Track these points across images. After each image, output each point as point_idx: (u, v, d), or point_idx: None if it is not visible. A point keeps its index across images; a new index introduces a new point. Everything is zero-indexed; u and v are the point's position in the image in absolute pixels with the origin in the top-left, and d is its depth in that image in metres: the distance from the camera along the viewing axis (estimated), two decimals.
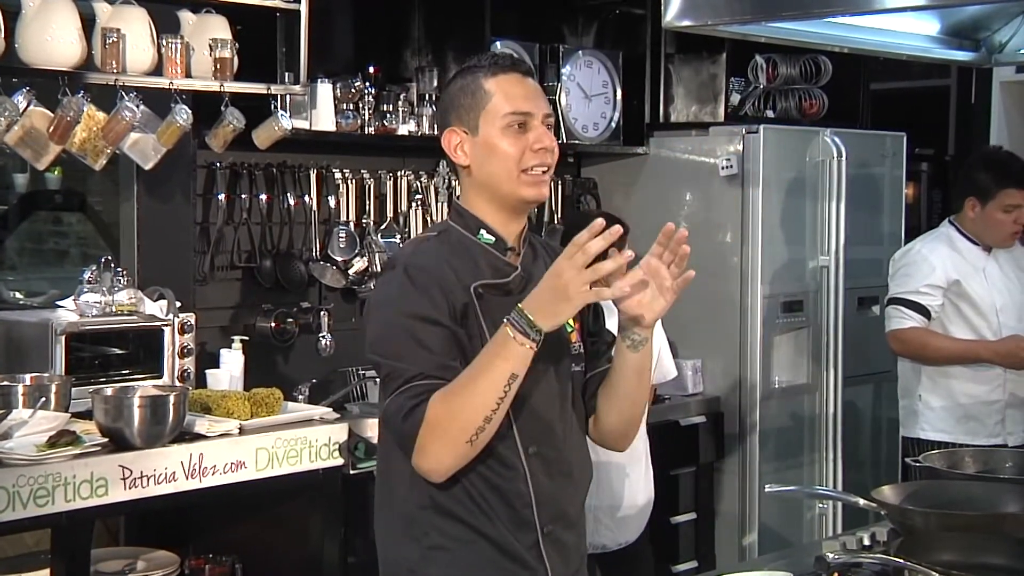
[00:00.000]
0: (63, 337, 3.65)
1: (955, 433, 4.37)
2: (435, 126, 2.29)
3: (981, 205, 4.37)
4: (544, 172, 2.38)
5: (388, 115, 4.67)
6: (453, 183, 4.74)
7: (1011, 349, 4.25)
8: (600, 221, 2.17)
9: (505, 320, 2.20)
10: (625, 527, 4.17)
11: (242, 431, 3.58)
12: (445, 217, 2.53)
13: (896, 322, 4.35)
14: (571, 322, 2.42)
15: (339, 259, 4.59)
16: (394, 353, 2.27)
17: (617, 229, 2.16)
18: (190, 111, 3.90)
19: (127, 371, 3.81)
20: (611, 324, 2.45)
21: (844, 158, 5.28)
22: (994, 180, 4.35)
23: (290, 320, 4.46)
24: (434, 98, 4.73)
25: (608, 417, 2.48)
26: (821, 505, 5.25)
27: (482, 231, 2.38)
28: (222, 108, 4.04)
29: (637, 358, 2.37)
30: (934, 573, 2.26)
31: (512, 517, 2.34)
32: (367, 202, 4.72)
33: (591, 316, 2.51)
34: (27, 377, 3.56)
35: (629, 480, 4.17)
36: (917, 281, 4.32)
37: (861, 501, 2.77)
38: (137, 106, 3.80)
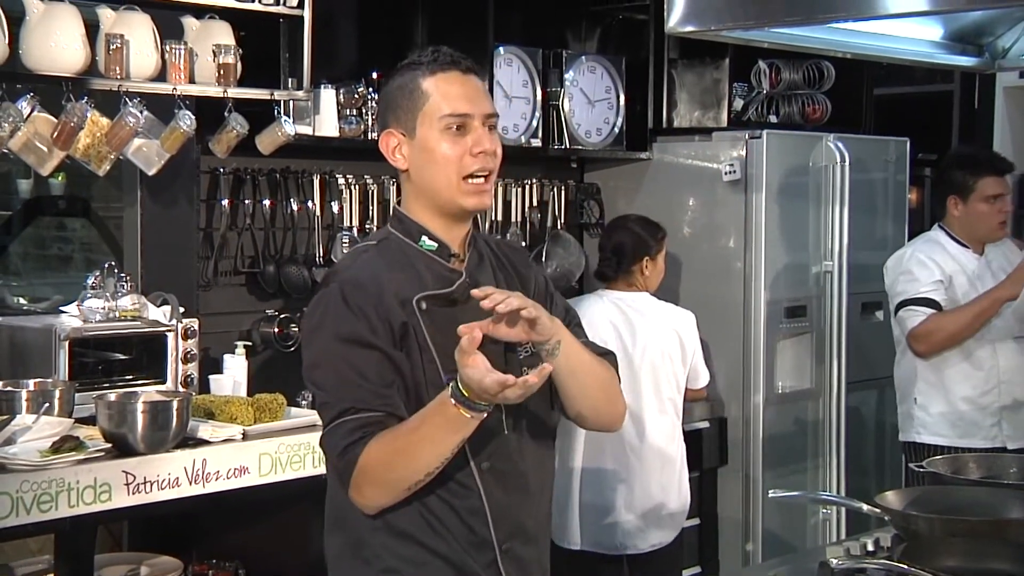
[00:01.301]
0: (67, 342, 3.65)
1: (951, 437, 4.40)
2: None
3: (963, 201, 4.43)
4: (485, 179, 2.27)
5: (377, 125, 4.66)
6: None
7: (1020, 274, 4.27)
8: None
9: (451, 400, 2.09)
10: (657, 529, 4.18)
11: (245, 437, 3.58)
12: (387, 223, 2.42)
13: (912, 321, 4.35)
14: None
15: None
16: (326, 382, 2.20)
17: (476, 337, 2.07)
18: (193, 117, 3.90)
19: (130, 376, 3.81)
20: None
21: (847, 163, 5.28)
22: (969, 173, 4.42)
23: (293, 325, 4.45)
24: None
25: (572, 410, 2.38)
26: (824, 510, 5.24)
27: (424, 238, 2.29)
28: (225, 114, 4.04)
29: (562, 362, 2.25)
30: None
31: (468, 536, 2.26)
32: (370, 207, 4.71)
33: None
34: (31, 382, 3.56)
35: (661, 482, 4.17)
36: (923, 281, 4.35)
37: (865, 506, 2.76)
38: (141, 112, 3.80)
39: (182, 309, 3.92)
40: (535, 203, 5.25)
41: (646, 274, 4.29)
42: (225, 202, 4.39)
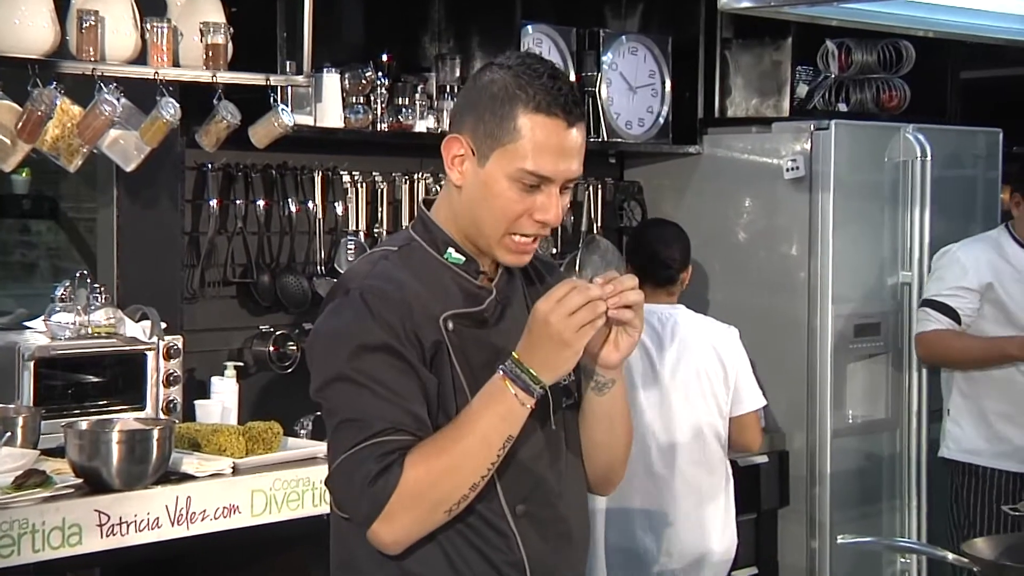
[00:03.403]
0: (31, 363, 3.65)
1: (983, 456, 4.63)
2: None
3: None
4: (533, 241, 2.30)
5: (403, 109, 4.68)
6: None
7: None
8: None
9: (501, 373, 2.14)
10: None
11: (236, 471, 3.57)
12: (408, 226, 2.42)
13: (922, 325, 4.71)
14: None
15: None
16: (352, 401, 2.16)
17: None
18: (178, 105, 3.91)
19: (104, 402, 3.81)
20: None
21: (929, 158, 5.25)
22: None
23: (291, 344, 4.46)
24: (456, 91, 4.72)
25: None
26: (903, 559, 5.21)
27: (450, 249, 2.30)
28: (214, 102, 4.05)
29: (605, 403, 2.33)
30: None
31: None
32: (379, 209, 4.72)
33: None
34: None
35: (699, 520, 4.14)
36: (947, 283, 4.66)
37: (950, 555, 2.74)
38: (117, 99, 3.81)
39: (164, 325, 3.93)
40: (567, 204, 5.23)
41: (686, 281, 4.33)
42: (214, 202, 4.40)
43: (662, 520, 4.13)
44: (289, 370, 4.47)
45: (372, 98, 4.62)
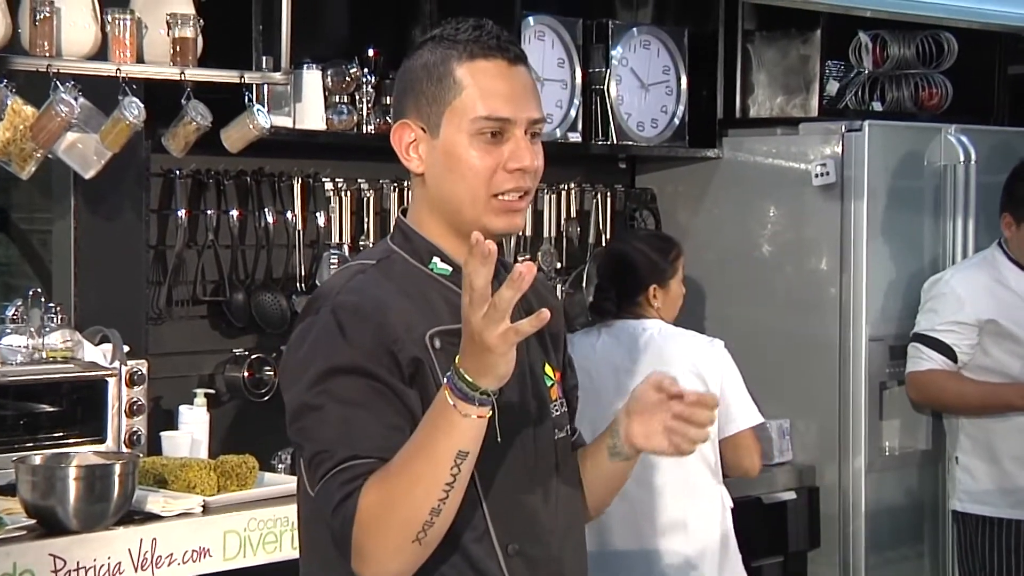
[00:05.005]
0: None
1: (999, 506, 4.67)
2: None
3: (1016, 224, 4.71)
4: (521, 197, 2.31)
5: (392, 110, 4.67)
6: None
7: None
8: (475, 238, 2.06)
9: (444, 382, 2.11)
10: None
11: (206, 510, 3.57)
12: (386, 237, 2.44)
13: (913, 363, 4.77)
14: (551, 373, 2.39)
15: None
16: (320, 429, 2.18)
17: (491, 244, 2.03)
18: (142, 105, 3.91)
19: (60, 434, 3.81)
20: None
21: (973, 162, 5.26)
22: None
23: (267, 368, 4.46)
24: None
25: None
26: None
27: (435, 259, 2.32)
28: (183, 101, 4.05)
29: (613, 468, 2.45)
30: None
31: None
32: (365, 219, 4.72)
33: (565, 363, 2.52)
34: None
35: (685, 559, 4.13)
36: (942, 317, 4.71)
37: None
38: (75, 99, 3.81)
39: (127, 348, 3.93)
40: (574, 213, 5.25)
41: (655, 305, 4.26)
42: (182, 213, 4.40)
43: (640, 553, 4.12)
44: (265, 398, 4.46)
45: (357, 97, 4.62)
